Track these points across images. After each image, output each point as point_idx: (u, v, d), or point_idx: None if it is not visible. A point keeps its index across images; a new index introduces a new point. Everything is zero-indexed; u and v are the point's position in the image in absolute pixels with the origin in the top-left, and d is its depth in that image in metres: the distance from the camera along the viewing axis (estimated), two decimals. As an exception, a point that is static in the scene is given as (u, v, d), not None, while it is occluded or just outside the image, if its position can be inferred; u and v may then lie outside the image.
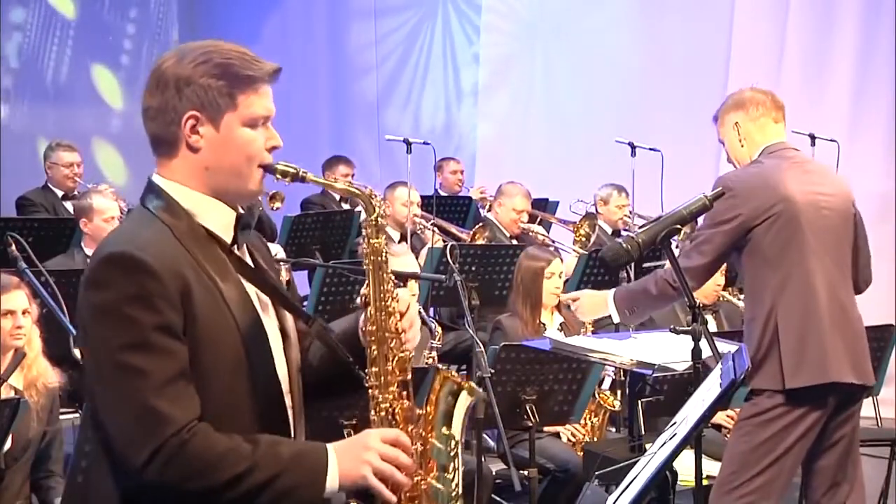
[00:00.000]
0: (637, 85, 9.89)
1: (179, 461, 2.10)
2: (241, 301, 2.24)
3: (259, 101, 2.24)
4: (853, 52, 8.92)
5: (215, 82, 2.20)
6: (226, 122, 2.22)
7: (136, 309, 2.10)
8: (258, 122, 2.25)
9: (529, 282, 5.83)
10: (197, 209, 2.24)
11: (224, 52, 2.23)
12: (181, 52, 2.24)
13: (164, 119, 2.22)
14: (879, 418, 6.68)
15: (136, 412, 2.10)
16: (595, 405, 5.75)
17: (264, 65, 2.25)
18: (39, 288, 4.62)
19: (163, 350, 2.11)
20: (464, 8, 11.42)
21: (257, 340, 2.25)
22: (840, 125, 8.53)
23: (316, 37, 12.05)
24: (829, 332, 4.14)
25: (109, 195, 6.63)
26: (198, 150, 2.22)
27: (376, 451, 2.21)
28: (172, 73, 2.21)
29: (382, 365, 2.32)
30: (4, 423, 3.97)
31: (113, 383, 2.12)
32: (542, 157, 10.16)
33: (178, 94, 2.20)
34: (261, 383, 2.24)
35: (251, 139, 2.24)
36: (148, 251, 2.13)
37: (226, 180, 2.24)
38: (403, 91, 11.67)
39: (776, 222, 4.13)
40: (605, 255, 3.68)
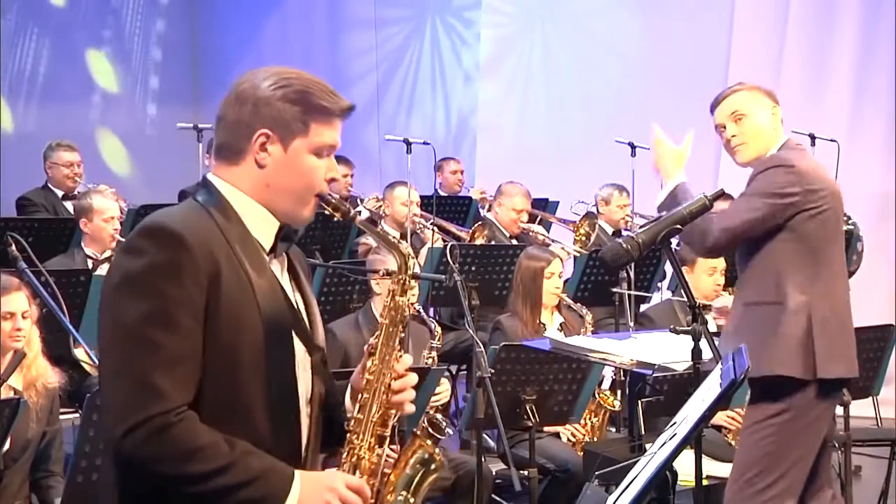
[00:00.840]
0: (637, 85, 9.88)
1: (158, 441, 2.13)
2: (273, 301, 2.29)
3: (329, 133, 2.33)
4: (853, 52, 8.92)
5: (291, 107, 2.29)
6: (295, 146, 2.30)
7: (164, 281, 2.15)
8: (324, 152, 2.34)
9: (529, 282, 5.83)
10: (246, 212, 2.31)
11: (304, 81, 2.32)
12: (265, 74, 2.33)
13: (236, 131, 2.31)
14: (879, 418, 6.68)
15: (136, 382, 2.14)
16: (595, 405, 5.75)
17: (341, 100, 2.35)
18: (39, 288, 4.61)
19: (179, 327, 2.16)
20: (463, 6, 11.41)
21: (280, 342, 2.29)
22: (840, 125, 8.52)
23: (316, 37, 12.05)
24: (851, 329, 4.15)
25: (110, 195, 6.64)
26: (263, 166, 2.30)
27: (338, 493, 2.24)
28: (252, 91, 2.30)
29: (368, 413, 2.37)
30: (4, 424, 3.97)
31: (124, 350, 2.17)
32: (542, 157, 10.16)
33: (255, 112, 2.29)
34: (276, 384, 2.28)
35: (315, 167, 2.33)
36: (186, 228, 2.20)
37: (283, 201, 2.32)
38: (403, 91, 11.67)
39: (823, 213, 4.07)
40: (605, 256, 3.67)
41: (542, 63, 10.72)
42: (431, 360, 5.24)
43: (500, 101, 10.90)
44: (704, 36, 9.65)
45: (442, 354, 5.99)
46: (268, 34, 12.08)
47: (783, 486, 4.02)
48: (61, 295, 4.66)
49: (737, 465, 4.13)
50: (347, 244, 7.90)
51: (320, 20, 12.12)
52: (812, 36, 9.09)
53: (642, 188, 7.90)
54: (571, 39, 10.50)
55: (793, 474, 4.04)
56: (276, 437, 2.26)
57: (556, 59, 10.61)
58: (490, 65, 10.99)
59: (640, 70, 9.95)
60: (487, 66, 11.00)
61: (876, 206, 8.50)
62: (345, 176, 9.23)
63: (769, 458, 4.03)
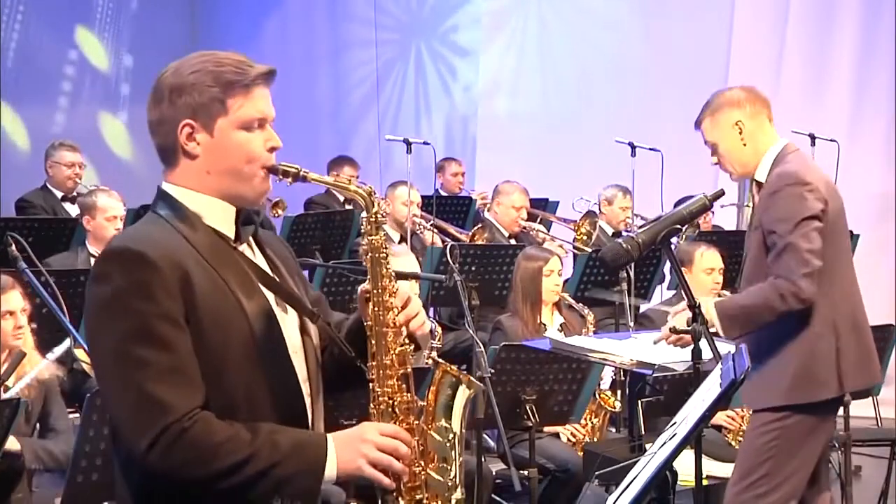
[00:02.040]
0: (637, 85, 9.89)
1: (180, 448, 2.14)
2: (251, 293, 2.28)
3: (251, 104, 2.29)
4: (853, 52, 8.93)
5: (207, 90, 2.26)
6: (219, 127, 2.28)
7: (135, 299, 2.16)
8: (252, 124, 2.29)
9: (529, 281, 5.83)
10: (202, 210, 2.30)
11: (217, 61, 2.29)
12: (178, 64, 2.31)
13: (163, 130, 2.30)
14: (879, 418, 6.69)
15: (137, 400, 2.15)
16: (595, 406, 5.75)
17: (255, 68, 2.31)
18: (39, 288, 4.61)
19: (163, 339, 2.16)
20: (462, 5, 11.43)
21: (268, 329, 2.29)
22: (840, 125, 8.53)
23: (316, 37, 12.05)
24: (870, 336, 4.11)
25: (114, 195, 6.64)
26: (195, 156, 2.29)
27: (373, 443, 2.25)
28: (168, 84, 2.29)
29: (381, 359, 2.35)
30: (4, 424, 3.97)
31: (115, 373, 2.18)
32: (542, 157, 10.16)
33: (173, 105, 2.28)
34: (274, 371, 2.28)
35: (246, 141, 2.29)
36: (146, 244, 2.20)
37: (229, 183, 2.30)
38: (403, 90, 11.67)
39: (832, 223, 3.97)
40: (605, 256, 3.67)
41: (542, 64, 10.72)
42: (432, 360, 5.24)
43: (500, 102, 10.90)
44: (704, 36, 9.66)
45: (442, 354, 6.00)
46: (268, 34, 12.07)
47: (786, 491, 3.98)
48: (61, 295, 4.66)
49: (739, 467, 4.08)
50: (347, 244, 7.90)
51: (320, 20, 12.12)
52: (812, 36, 9.10)
53: (642, 188, 7.91)
54: (571, 40, 10.50)
55: (795, 480, 3.99)
56: (282, 420, 2.26)
57: (555, 59, 10.61)
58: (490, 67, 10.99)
59: (640, 70, 9.95)
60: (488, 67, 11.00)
61: (876, 206, 8.50)
62: (350, 177, 9.25)
63: (773, 461, 3.98)
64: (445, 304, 7.29)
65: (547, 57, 10.67)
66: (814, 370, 3.94)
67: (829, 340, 3.96)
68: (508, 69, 10.90)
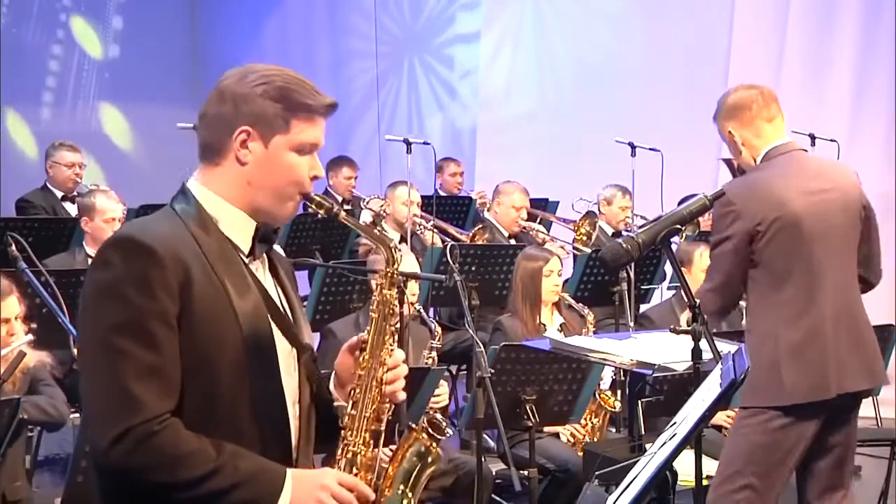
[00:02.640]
0: (637, 85, 9.88)
1: (145, 449, 2.12)
2: (249, 303, 2.27)
3: (311, 130, 2.31)
4: (853, 52, 8.92)
5: (272, 104, 2.28)
6: (276, 142, 2.29)
7: (133, 292, 2.14)
8: (306, 149, 2.31)
9: (528, 281, 5.84)
10: (221, 216, 2.30)
11: (286, 78, 2.31)
12: (245, 71, 2.33)
13: (217, 128, 2.30)
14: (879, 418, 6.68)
15: (113, 392, 2.14)
16: (595, 406, 5.75)
17: (323, 98, 2.33)
18: (39, 288, 4.62)
19: (152, 337, 2.14)
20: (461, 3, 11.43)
21: (261, 342, 2.27)
22: (840, 125, 8.52)
23: (316, 37, 12.05)
24: (835, 345, 4.08)
25: (113, 196, 6.64)
26: (244, 163, 2.29)
27: (330, 491, 2.23)
28: (233, 89, 2.30)
29: (361, 410, 2.36)
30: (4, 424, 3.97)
31: (98, 361, 2.17)
32: (541, 157, 10.16)
33: (236, 109, 2.28)
34: (261, 385, 2.26)
35: (297, 164, 2.31)
36: (155, 238, 2.19)
37: (265, 199, 2.30)
38: (404, 90, 11.67)
39: (777, 235, 4.04)
40: (605, 256, 3.67)
41: (541, 64, 10.72)
42: (431, 361, 5.24)
43: (500, 102, 10.90)
44: (704, 36, 9.65)
45: (442, 354, 6.00)
46: (268, 34, 12.08)
47: (758, 488, 4.05)
48: (61, 295, 4.67)
49: (719, 464, 4.19)
50: (347, 244, 7.90)
51: (320, 20, 12.12)
52: (812, 36, 9.09)
53: (642, 188, 7.91)
54: (572, 40, 10.49)
55: (765, 483, 4.06)
56: (264, 441, 2.25)
57: (556, 60, 10.61)
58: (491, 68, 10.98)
59: (640, 70, 9.94)
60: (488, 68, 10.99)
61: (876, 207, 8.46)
62: (349, 178, 9.24)
63: (745, 456, 4.08)
64: (445, 304, 7.29)
65: (547, 57, 10.67)
66: (755, 376, 3.98)
67: (770, 350, 4.04)
68: (508, 69, 10.90)
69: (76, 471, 3.88)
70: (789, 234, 4.06)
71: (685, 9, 9.82)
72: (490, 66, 10.96)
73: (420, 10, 11.59)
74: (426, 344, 5.33)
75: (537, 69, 10.72)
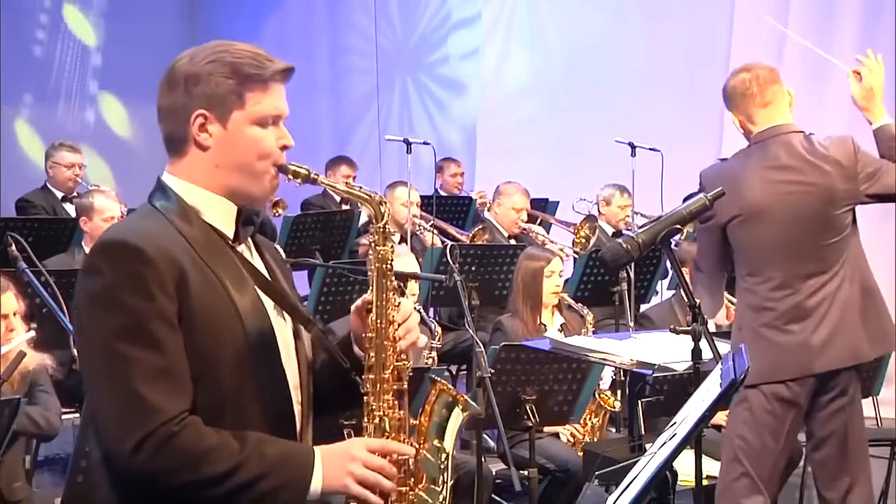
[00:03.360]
0: (637, 85, 9.88)
1: (168, 452, 2.09)
2: (246, 293, 2.23)
3: (268, 100, 2.24)
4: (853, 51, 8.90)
5: (224, 80, 2.21)
6: (234, 120, 2.22)
7: (129, 295, 2.09)
8: (268, 120, 2.24)
9: (529, 281, 5.83)
10: (201, 205, 2.24)
11: (235, 52, 2.24)
12: (194, 52, 2.26)
13: (174, 118, 2.24)
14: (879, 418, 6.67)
15: (125, 400, 2.09)
16: (595, 406, 5.75)
17: (275, 63, 2.25)
18: (39, 288, 4.62)
19: (155, 338, 2.10)
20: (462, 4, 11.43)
21: (262, 333, 2.23)
22: (840, 125, 8.50)
23: (316, 36, 12.05)
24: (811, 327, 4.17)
25: (112, 196, 6.65)
26: (206, 148, 2.23)
27: (360, 460, 2.20)
28: (183, 71, 2.23)
29: (379, 373, 2.31)
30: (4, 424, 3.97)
31: (104, 370, 2.12)
32: (541, 157, 10.16)
33: (188, 93, 2.22)
34: (265, 376, 2.23)
35: (261, 137, 2.24)
36: (142, 238, 2.14)
37: (237, 180, 2.24)
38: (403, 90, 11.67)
39: (744, 223, 4.18)
40: (605, 256, 3.67)
41: (542, 64, 10.72)
42: (431, 361, 5.24)
43: (500, 102, 10.90)
44: (704, 36, 9.65)
45: (442, 354, 6.00)
46: (268, 34, 12.07)
47: (752, 475, 4.17)
48: (61, 295, 4.67)
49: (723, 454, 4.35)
50: (347, 244, 7.90)
51: (320, 20, 12.12)
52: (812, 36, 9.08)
53: (642, 188, 7.90)
54: (571, 41, 10.49)
55: (759, 465, 4.18)
56: (270, 428, 2.21)
57: (556, 61, 10.61)
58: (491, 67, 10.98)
59: (640, 70, 9.94)
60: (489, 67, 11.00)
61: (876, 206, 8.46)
62: (347, 176, 9.24)
63: (734, 442, 4.22)
64: (445, 304, 7.29)
65: (547, 57, 10.67)
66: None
67: (739, 337, 4.19)
68: (509, 70, 10.90)
69: (76, 471, 3.88)
70: (754, 223, 4.18)
71: (685, 8, 9.82)
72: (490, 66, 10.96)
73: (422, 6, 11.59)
74: (426, 344, 5.32)
75: (537, 69, 10.72)
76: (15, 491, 4.36)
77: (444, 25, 11.45)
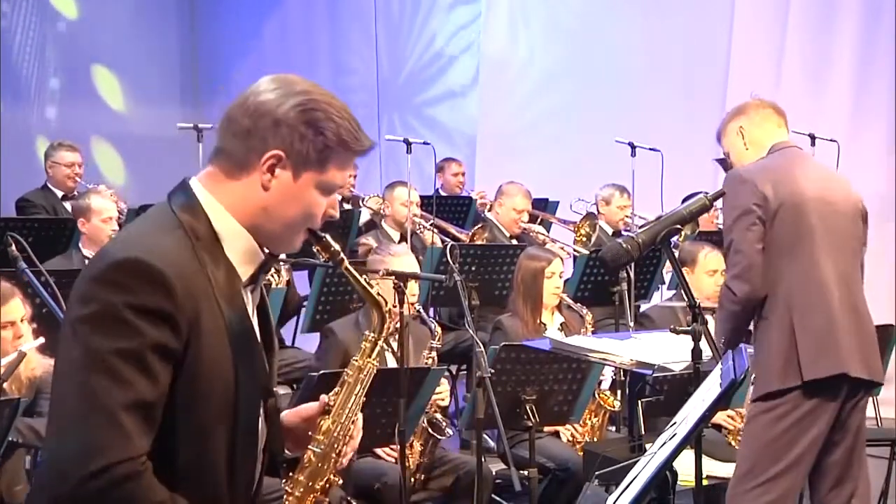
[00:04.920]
0: (637, 85, 9.88)
1: (121, 491, 1.97)
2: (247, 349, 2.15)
3: (342, 174, 2.18)
4: (853, 52, 8.92)
5: (314, 137, 2.11)
6: (306, 177, 2.13)
7: (141, 320, 1.99)
8: (332, 190, 2.18)
9: (530, 281, 5.83)
10: (226, 235, 2.13)
11: (334, 110, 2.13)
12: (288, 89, 2.13)
13: (246, 141, 2.12)
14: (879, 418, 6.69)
15: (101, 419, 1.97)
16: (595, 405, 5.75)
17: (365, 140, 2.18)
18: (39, 288, 4.61)
19: (151, 369, 2.00)
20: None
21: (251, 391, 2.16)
22: (840, 125, 8.53)
23: (316, 36, 12.04)
24: (843, 327, 4.14)
25: (108, 196, 6.66)
26: (267, 189, 2.12)
27: None
28: (275, 105, 2.11)
29: (311, 480, 2.31)
30: (4, 424, 3.97)
31: (90, 383, 1.98)
32: (542, 157, 10.16)
33: (274, 129, 2.10)
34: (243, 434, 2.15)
35: (318, 203, 2.16)
36: (165, 263, 2.03)
37: (275, 228, 2.15)
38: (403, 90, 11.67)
39: (786, 215, 4.12)
40: (605, 256, 3.67)
41: (542, 64, 10.72)
42: (431, 361, 5.24)
43: (501, 102, 10.90)
44: (704, 36, 9.65)
45: (442, 354, 5.99)
46: (268, 34, 12.07)
47: (776, 483, 4.07)
48: (61, 295, 4.66)
49: (736, 461, 4.23)
50: (347, 244, 7.90)
51: (320, 20, 12.12)
52: (812, 36, 9.10)
53: (642, 188, 7.91)
54: (571, 41, 10.49)
55: (784, 479, 4.06)
56: (234, 486, 2.14)
57: (556, 61, 10.60)
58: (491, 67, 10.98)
59: (640, 70, 9.94)
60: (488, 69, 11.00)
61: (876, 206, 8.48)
62: (348, 175, 9.23)
63: (758, 454, 4.10)
64: (445, 304, 7.29)
65: (547, 57, 10.67)
66: (770, 361, 4.09)
67: (783, 330, 4.10)
68: (509, 68, 10.90)
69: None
70: (797, 216, 4.13)
71: (685, 9, 9.82)
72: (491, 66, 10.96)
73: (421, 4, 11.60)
74: (426, 344, 5.32)
75: (537, 69, 10.72)
76: (15, 494, 4.36)
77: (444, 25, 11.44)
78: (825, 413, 4.09)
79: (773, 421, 4.10)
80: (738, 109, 4.37)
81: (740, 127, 4.31)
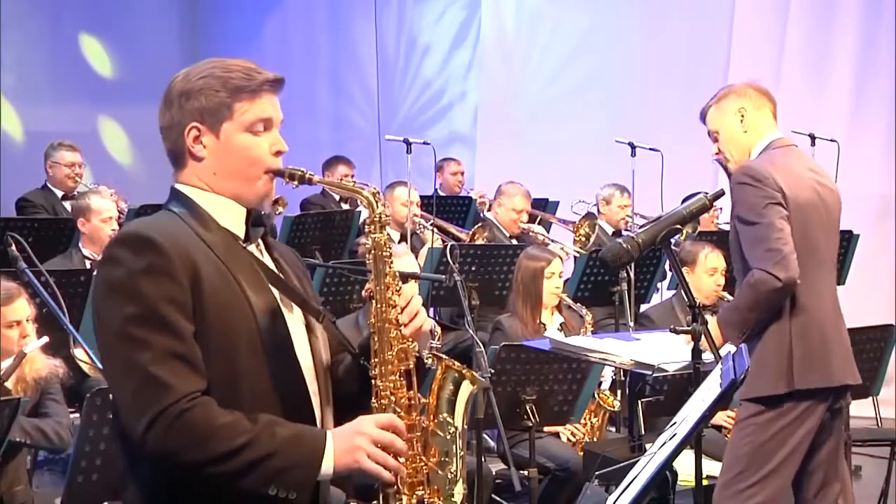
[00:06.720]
0: (637, 85, 9.88)
1: (177, 429, 2.15)
2: (259, 289, 2.32)
3: (256, 108, 2.35)
4: (853, 51, 8.93)
5: (215, 94, 2.33)
6: (225, 130, 2.34)
7: (144, 283, 2.19)
8: (257, 127, 2.35)
9: (529, 282, 5.83)
10: (214, 209, 2.36)
11: (226, 67, 2.37)
12: (188, 71, 2.39)
13: (172, 134, 2.37)
14: (879, 418, 6.68)
15: (137, 381, 2.17)
16: (595, 405, 5.75)
17: (263, 74, 2.37)
18: (39, 288, 4.61)
19: (168, 323, 2.18)
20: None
21: (275, 326, 2.31)
22: (840, 125, 8.53)
23: (316, 37, 12.04)
24: (833, 337, 4.10)
25: (108, 196, 6.65)
26: (201, 158, 2.35)
27: (369, 436, 2.24)
28: (178, 89, 2.37)
29: (383, 354, 2.37)
30: (4, 424, 3.97)
31: (118, 355, 2.21)
32: (541, 157, 10.16)
33: (181, 109, 2.35)
34: (279, 366, 2.29)
35: (251, 144, 2.35)
36: (158, 232, 2.25)
37: (233, 185, 2.36)
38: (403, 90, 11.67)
39: (794, 221, 4.02)
40: (605, 256, 3.67)
41: (542, 65, 10.72)
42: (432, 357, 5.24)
43: (500, 102, 10.90)
44: (704, 36, 9.66)
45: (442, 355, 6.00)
46: (268, 34, 12.07)
47: (764, 486, 4.02)
48: (61, 295, 4.67)
49: (723, 464, 4.16)
50: (347, 244, 7.90)
51: (321, 20, 12.11)
52: (812, 36, 9.10)
53: (642, 188, 7.91)
54: (571, 39, 10.49)
55: (774, 481, 4.03)
56: (287, 414, 2.26)
57: (556, 61, 10.61)
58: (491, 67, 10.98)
59: (640, 70, 9.94)
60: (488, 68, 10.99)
61: (876, 206, 8.50)
62: (345, 176, 9.23)
63: (748, 457, 4.04)
64: (445, 304, 7.29)
65: (547, 56, 10.67)
66: (764, 365, 3.99)
67: (781, 336, 4.02)
68: (509, 65, 10.90)
69: (76, 471, 3.88)
70: (800, 223, 4.03)
71: (685, 8, 9.82)
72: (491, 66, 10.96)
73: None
74: (426, 344, 5.32)
75: (537, 69, 10.72)
76: (16, 494, 4.36)
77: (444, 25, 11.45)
78: (812, 416, 4.06)
79: (761, 425, 4.04)
80: (738, 90, 4.23)
81: (742, 108, 4.17)
